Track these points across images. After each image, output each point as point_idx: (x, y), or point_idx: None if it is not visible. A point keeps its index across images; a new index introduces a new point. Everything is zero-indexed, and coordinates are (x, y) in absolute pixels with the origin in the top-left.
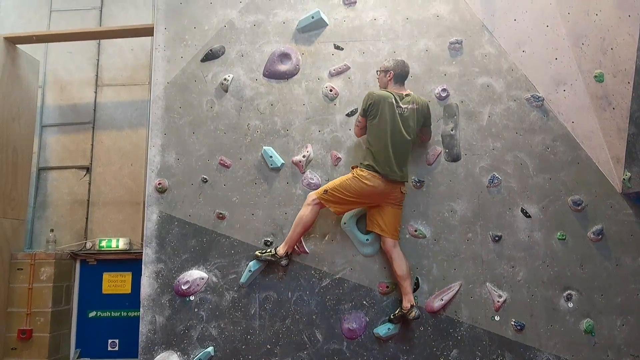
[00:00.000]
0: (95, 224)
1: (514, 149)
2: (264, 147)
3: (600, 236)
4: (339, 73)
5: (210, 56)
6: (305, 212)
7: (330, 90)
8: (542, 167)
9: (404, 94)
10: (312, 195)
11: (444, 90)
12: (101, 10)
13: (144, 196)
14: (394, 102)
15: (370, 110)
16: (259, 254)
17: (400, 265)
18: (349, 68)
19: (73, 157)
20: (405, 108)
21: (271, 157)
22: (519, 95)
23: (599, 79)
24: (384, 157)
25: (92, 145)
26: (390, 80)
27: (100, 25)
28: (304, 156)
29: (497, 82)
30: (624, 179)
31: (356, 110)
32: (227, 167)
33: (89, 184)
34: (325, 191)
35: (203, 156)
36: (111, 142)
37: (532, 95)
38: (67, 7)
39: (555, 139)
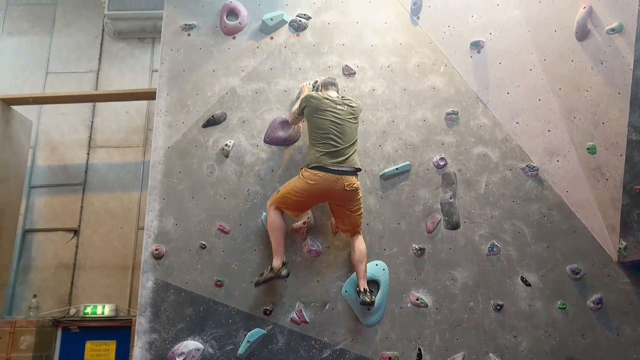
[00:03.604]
0: (80, 289)
1: (512, 217)
2: (265, 213)
3: (599, 305)
4: None
5: (212, 122)
6: (271, 218)
7: None
8: (540, 236)
9: (338, 96)
10: (270, 201)
11: (442, 159)
12: (98, 74)
13: (133, 260)
14: (330, 101)
15: (308, 108)
16: (260, 279)
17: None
18: None
19: (61, 219)
20: (341, 107)
21: None
22: (514, 164)
23: (592, 151)
24: (323, 151)
25: (82, 206)
26: (321, 89)
27: (97, 88)
28: (304, 223)
29: (492, 151)
30: (619, 248)
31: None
32: (227, 233)
33: (76, 246)
34: (279, 193)
35: (202, 222)
36: (101, 204)
37: (526, 165)
38: (63, 70)
39: (550, 207)
